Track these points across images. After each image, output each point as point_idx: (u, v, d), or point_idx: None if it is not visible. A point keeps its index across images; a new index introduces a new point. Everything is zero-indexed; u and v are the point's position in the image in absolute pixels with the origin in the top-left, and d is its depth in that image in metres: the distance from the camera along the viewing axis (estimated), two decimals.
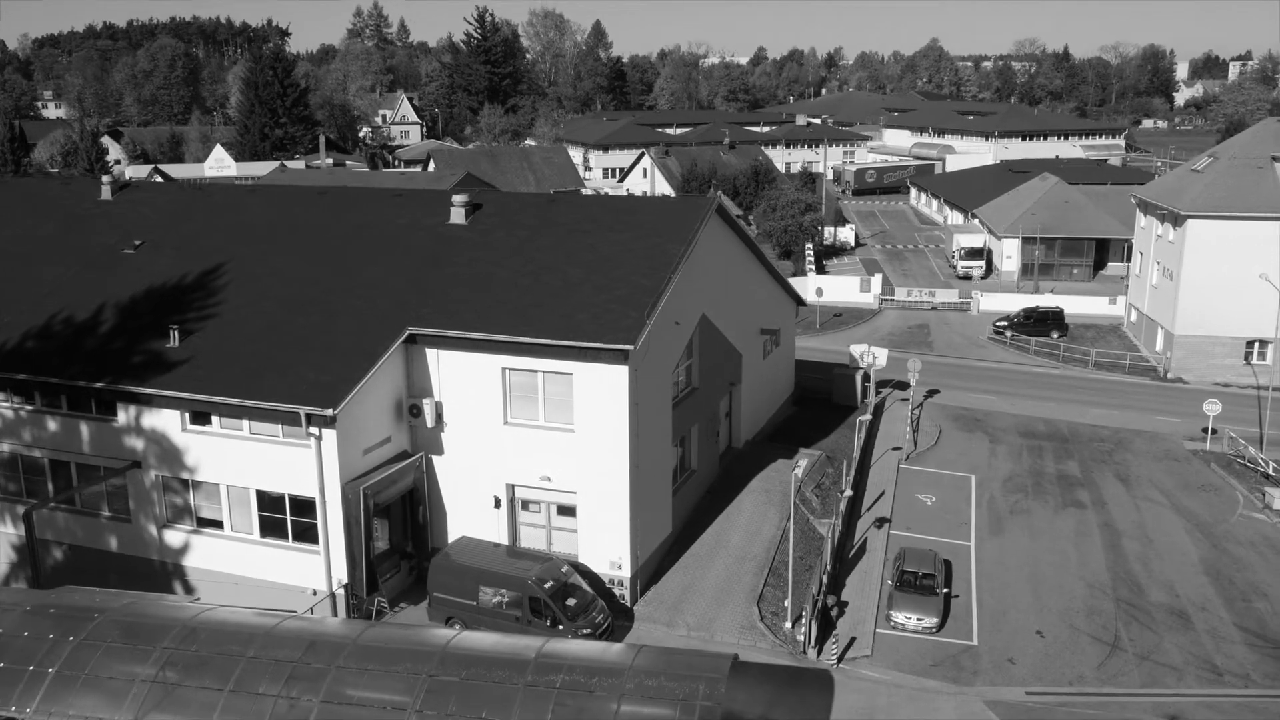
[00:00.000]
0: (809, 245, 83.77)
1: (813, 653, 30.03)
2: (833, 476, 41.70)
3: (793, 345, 49.80)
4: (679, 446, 35.45)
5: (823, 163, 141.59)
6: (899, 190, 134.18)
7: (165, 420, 31.25)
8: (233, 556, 31.55)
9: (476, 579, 29.93)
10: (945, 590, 33.21)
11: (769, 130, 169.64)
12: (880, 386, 52.78)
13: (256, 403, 29.50)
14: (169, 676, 19.34)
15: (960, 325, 71.00)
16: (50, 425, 33.00)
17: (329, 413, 28.55)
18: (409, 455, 32.00)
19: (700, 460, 37.60)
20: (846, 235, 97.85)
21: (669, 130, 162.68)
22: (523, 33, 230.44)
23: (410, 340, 31.67)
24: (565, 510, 32.16)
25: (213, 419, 30.92)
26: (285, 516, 30.86)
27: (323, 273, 35.03)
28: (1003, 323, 68.12)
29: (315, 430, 29.09)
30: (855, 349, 52.14)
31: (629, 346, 29.42)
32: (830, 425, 47.65)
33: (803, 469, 32.30)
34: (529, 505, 32.66)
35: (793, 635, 30.71)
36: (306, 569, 30.70)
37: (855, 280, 77.20)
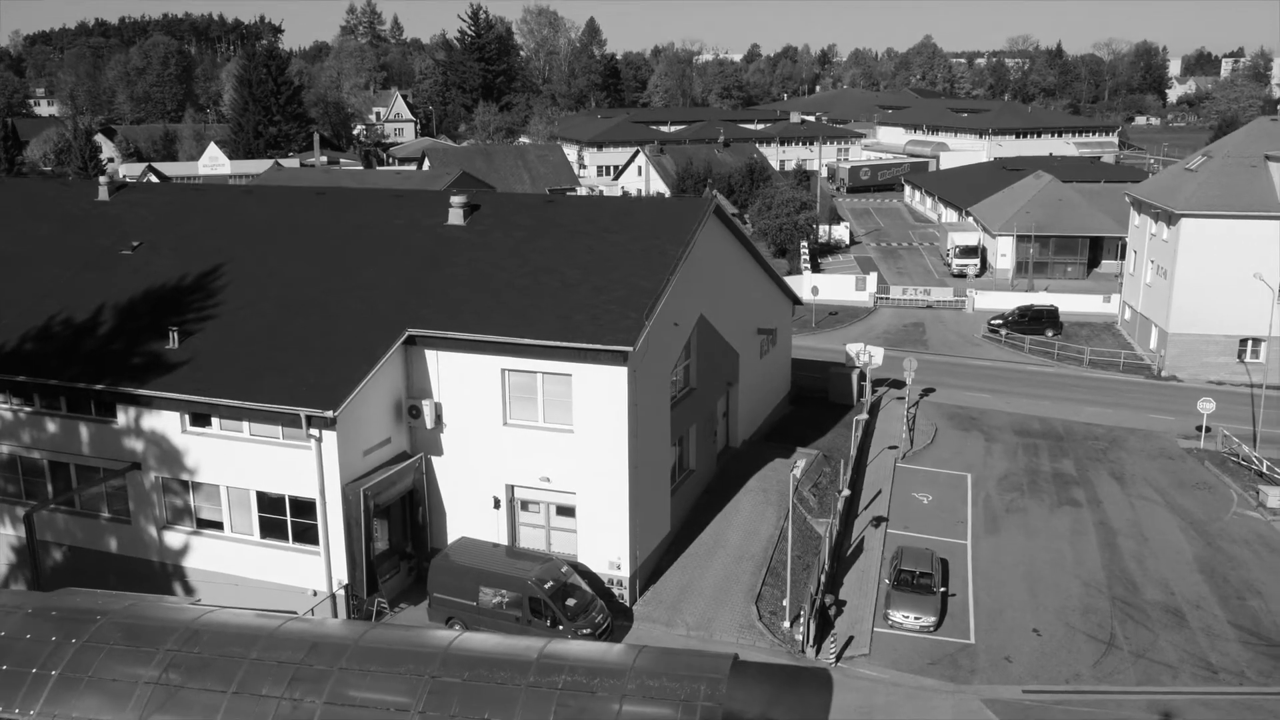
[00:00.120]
0: (804, 244, 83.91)
1: (811, 652, 30.19)
2: (830, 475, 41.87)
3: (789, 344, 49.95)
4: (677, 446, 35.60)
5: (817, 160, 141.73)
6: (893, 188, 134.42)
7: (165, 422, 31.30)
8: (233, 557, 31.62)
9: (476, 579, 30.04)
10: (942, 589, 33.40)
11: (763, 128, 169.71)
12: (876, 385, 52.94)
13: (257, 404, 29.57)
14: (172, 678, 19.39)
15: (955, 323, 71.22)
16: (49, 427, 33.02)
17: (329, 414, 28.63)
18: (408, 456, 32.10)
19: (698, 460, 37.75)
20: (841, 233, 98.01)
21: (663, 128, 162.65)
22: (517, 30, 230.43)
23: (410, 341, 31.75)
24: (564, 510, 32.28)
25: (212, 420, 30.97)
26: (285, 517, 30.94)
27: (321, 273, 35.07)
28: (998, 321, 68.33)
29: (315, 432, 29.17)
30: (851, 348, 52.29)
31: (628, 348, 29.54)
32: (827, 424, 47.82)
33: (801, 469, 32.44)
34: (528, 506, 32.77)
35: (791, 634, 30.86)
36: (306, 570, 30.79)
37: (851, 279, 77.36)
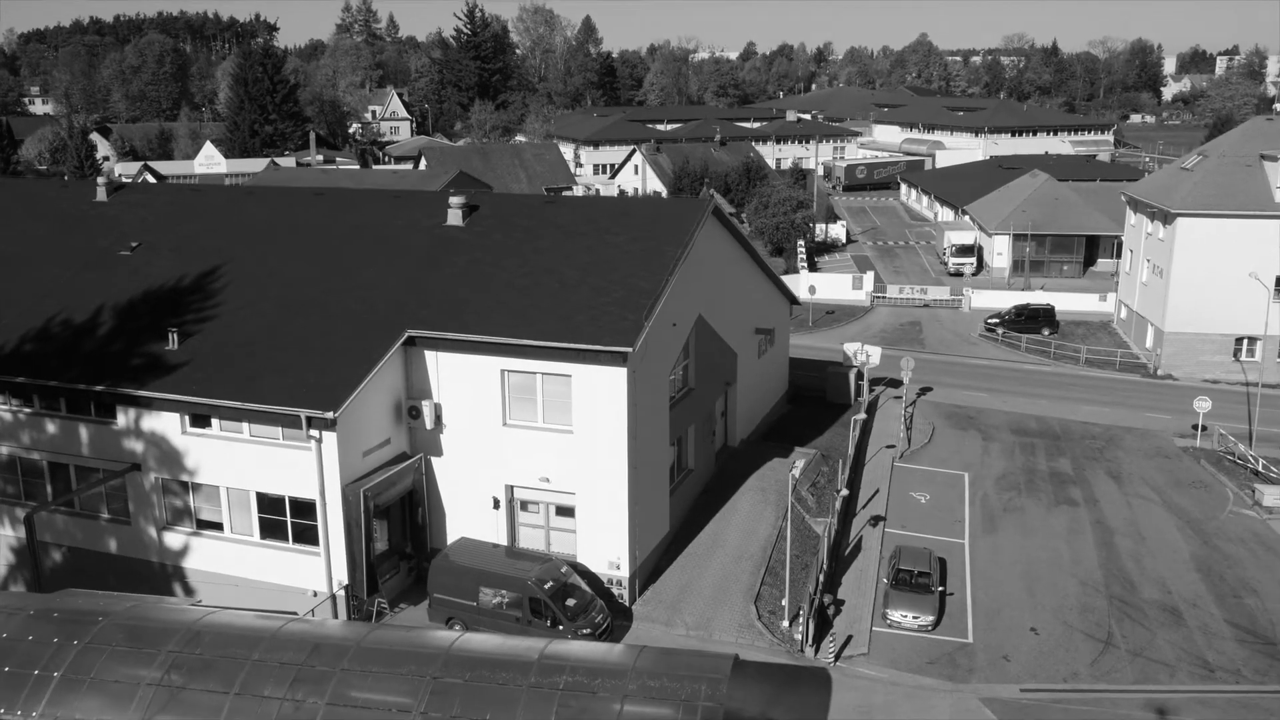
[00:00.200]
0: (801, 242, 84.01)
1: (810, 651, 30.29)
2: (828, 475, 41.97)
3: (787, 344, 50.04)
4: (675, 446, 35.69)
5: (814, 159, 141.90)
6: (889, 186, 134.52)
7: (165, 423, 31.34)
8: (233, 558, 31.67)
9: (476, 580, 30.11)
10: (940, 588, 33.52)
11: (759, 126, 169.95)
12: (874, 384, 53.06)
13: (257, 405, 29.61)
14: (174, 680, 19.45)
15: (952, 322, 71.37)
16: (49, 428, 33.04)
17: (330, 415, 28.68)
18: (408, 457, 32.16)
19: (697, 459, 37.84)
20: (838, 232, 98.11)
21: (660, 126, 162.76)
22: (512, 28, 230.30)
23: (409, 342, 31.81)
24: (564, 511, 32.36)
25: (212, 421, 31.01)
26: (285, 518, 30.99)
27: (321, 274, 35.11)
28: (994, 320, 68.48)
29: (316, 433, 29.22)
30: (849, 347, 52.40)
31: (627, 348, 29.62)
32: (824, 423, 47.93)
33: (799, 469, 32.53)
34: (528, 506, 32.85)
35: (790, 634, 30.96)
36: (306, 570, 30.84)
37: (848, 277, 77.48)
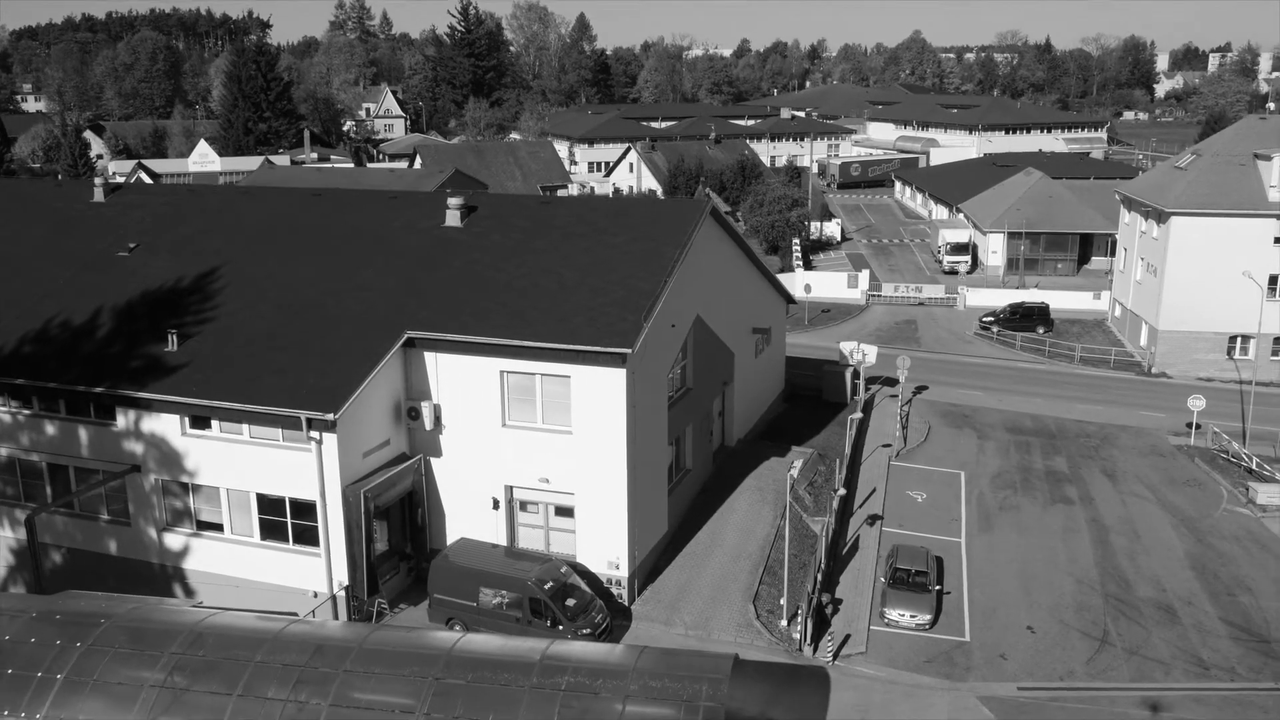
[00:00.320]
0: (796, 241, 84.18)
1: (808, 650, 30.46)
2: (825, 474, 42.13)
3: (783, 343, 50.20)
4: (673, 446, 35.82)
5: (808, 156, 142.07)
6: (884, 184, 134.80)
7: (164, 424, 31.40)
8: (233, 559, 31.76)
9: (477, 580, 30.22)
10: (938, 587, 33.71)
11: (754, 124, 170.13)
12: (869, 383, 53.24)
13: (258, 407, 29.68)
14: (177, 681, 19.50)
15: (947, 321, 71.59)
16: (49, 429, 33.08)
17: (330, 417, 28.76)
18: (408, 457, 32.25)
19: (694, 459, 37.98)
20: (833, 230, 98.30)
21: (654, 124, 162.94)
22: (506, 25, 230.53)
23: (409, 343, 31.89)
24: (563, 511, 32.48)
25: (212, 423, 31.07)
26: (285, 519, 31.08)
27: (319, 275, 35.16)
28: (989, 318, 68.67)
29: (316, 434, 29.31)
30: (845, 346, 52.59)
31: (627, 350, 29.74)
32: (821, 423, 48.08)
33: (798, 469, 32.66)
34: (527, 506, 32.96)
35: (788, 633, 31.13)
36: (307, 571, 30.94)
37: (843, 276, 77.67)
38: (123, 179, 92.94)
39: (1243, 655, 31.36)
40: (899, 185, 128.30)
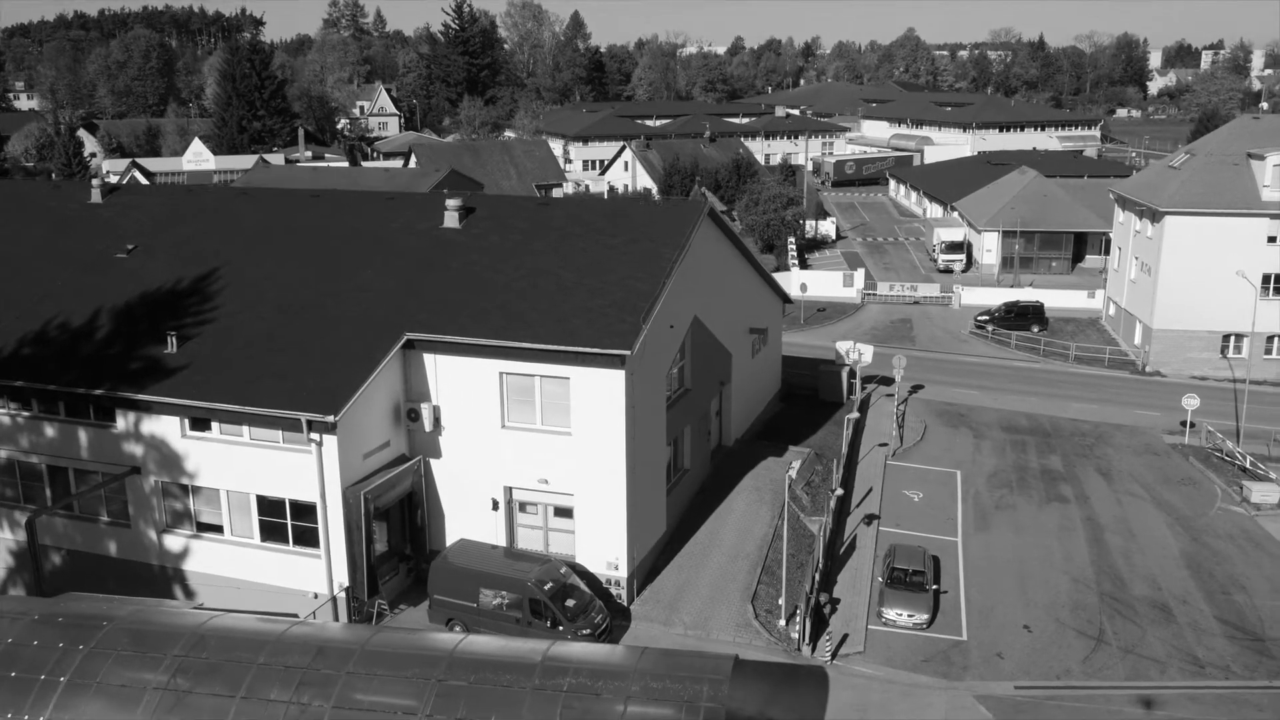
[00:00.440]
0: (791, 239, 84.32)
1: (807, 650, 30.62)
2: (822, 474, 42.27)
3: (780, 342, 50.35)
4: (672, 446, 35.95)
5: (803, 154, 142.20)
6: (878, 182, 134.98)
7: (164, 426, 31.44)
8: (233, 561, 31.81)
9: (476, 581, 30.32)
10: (935, 587, 33.89)
11: (748, 122, 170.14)
12: (865, 382, 53.41)
13: (258, 409, 29.74)
14: (180, 684, 19.58)
15: (942, 319, 71.80)
16: (48, 431, 33.10)
17: (330, 419, 28.83)
18: (407, 459, 32.34)
19: (693, 459, 38.12)
20: (828, 228, 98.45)
21: (649, 122, 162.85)
22: (501, 23, 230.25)
23: (408, 345, 31.96)
24: (562, 512, 32.59)
25: (212, 425, 31.12)
26: (285, 521, 31.15)
27: (318, 277, 35.21)
28: (984, 317, 68.88)
29: (316, 436, 29.38)
30: (841, 345, 52.72)
31: (625, 351, 29.84)
32: (817, 422, 48.24)
33: (796, 469, 32.80)
34: (526, 507, 33.07)
35: (787, 633, 31.28)
36: (307, 573, 31.01)
37: (838, 275, 77.82)
38: (117, 178, 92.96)
39: (1237, 653, 31.58)
40: (893, 183, 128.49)
